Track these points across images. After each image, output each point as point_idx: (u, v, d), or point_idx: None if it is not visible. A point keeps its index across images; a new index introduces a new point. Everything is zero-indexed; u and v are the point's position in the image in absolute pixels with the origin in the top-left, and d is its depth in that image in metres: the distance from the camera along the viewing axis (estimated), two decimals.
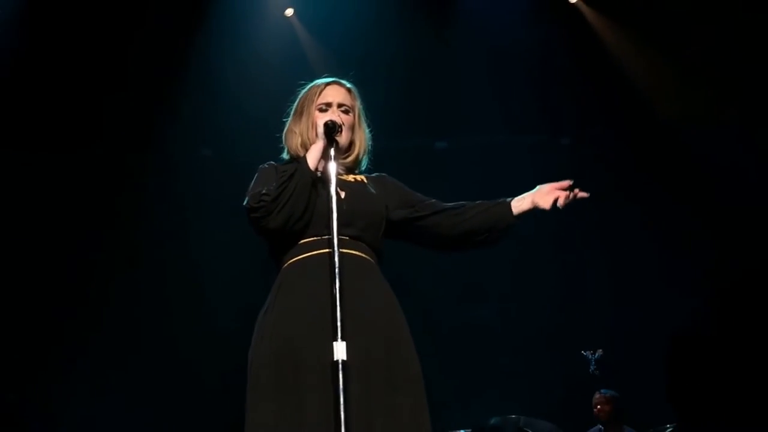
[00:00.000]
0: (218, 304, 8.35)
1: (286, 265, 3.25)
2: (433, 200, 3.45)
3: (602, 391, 7.35)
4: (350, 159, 3.44)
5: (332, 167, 3.15)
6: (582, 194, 3.37)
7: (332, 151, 3.18)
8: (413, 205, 3.41)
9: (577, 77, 8.59)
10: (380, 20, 8.16)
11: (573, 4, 8.62)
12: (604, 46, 8.64)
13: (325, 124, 3.21)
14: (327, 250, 3.11)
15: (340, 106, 3.39)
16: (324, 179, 3.18)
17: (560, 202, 3.33)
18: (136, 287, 8.51)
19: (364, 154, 3.47)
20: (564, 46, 8.57)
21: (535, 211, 3.36)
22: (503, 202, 3.38)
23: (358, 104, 3.47)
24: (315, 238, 3.20)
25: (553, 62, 8.56)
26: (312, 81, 3.51)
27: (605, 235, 8.70)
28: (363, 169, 3.50)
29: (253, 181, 3.30)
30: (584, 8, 8.62)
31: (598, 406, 7.36)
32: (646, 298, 8.28)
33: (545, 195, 3.35)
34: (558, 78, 8.56)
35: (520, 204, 3.37)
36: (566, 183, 3.36)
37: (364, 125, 3.49)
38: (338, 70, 3.59)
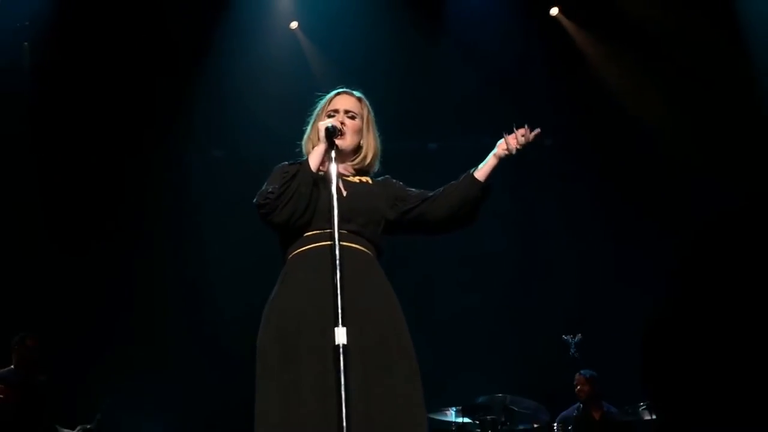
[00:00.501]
0: (228, 292, 8.31)
1: (291, 256, 3.27)
2: (419, 192, 3.46)
3: (582, 372, 7.33)
4: (357, 160, 3.45)
5: (333, 167, 3.15)
6: (534, 133, 3.33)
7: (333, 153, 3.18)
8: (403, 199, 3.43)
9: (557, 83, 8.60)
10: (377, 34, 8.18)
11: (554, 17, 8.67)
12: (582, 55, 8.67)
13: (326, 128, 3.22)
14: (328, 242, 3.11)
15: (346, 112, 3.42)
16: (326, 178, 3.18)
17: (511, 144, 3.31)
18: (150, 275, 8.51)
19: (374, 158, 3.48)
20: (546, 54, 8.59)
21: (502, 163, 3.35)
22: (467, 174, 3.40)
23: (366, 112, 3.49)
24: (317, 231, 3.22)
25: (535, 70, 8.56)
26: (318, 89, 3.56)
27: (586, 227, 8.69)
28: (376, 171, 3.51)
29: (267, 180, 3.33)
30: (564, 20, 8.67)
31: (579, 387, 7.34)
32: (621, 287, 8.30)
33: (502, 145, 3.35)
34: (540, 84, 8.57)
35: (483, 167, 3.38)
36: (521, 131, 3.33)
37: (374, 131, 3.50)
38: (339, 79, 3.62)
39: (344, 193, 3.24)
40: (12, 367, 6.76)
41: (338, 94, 3.48)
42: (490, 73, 8.47)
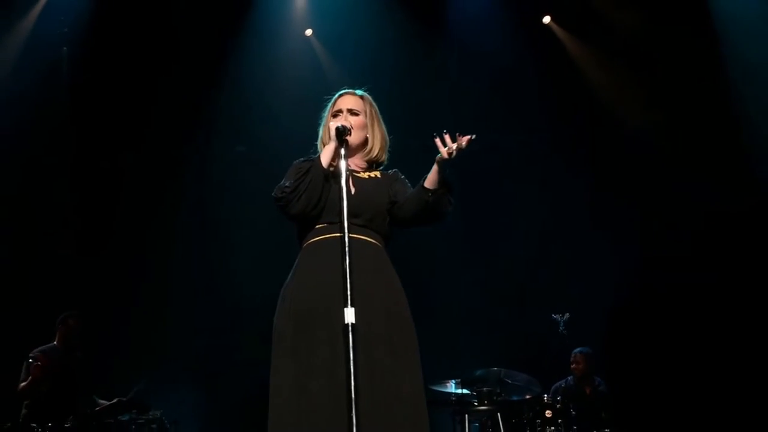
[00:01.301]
0: (247, 278, 8.29)
1: (305, 245, 3.28)
2: (400, 191, 3.38)
3: (578, 349, 7.35)
4: (365, 153, 3.42)
5: (343, 164, 3.14)
6: (465, 139, 3.17)
7: (342, 151, 3.17)
8: (389, 196, 3.37)
9: (549, 85, 8.57)
10: (384, 40, 8.18)
11: (546, 24, 8.63)
12: (572, 59, 8.64)
13: (336, 128, 3.22)
14: (339, 234, 3.11)
15: (349, 110, 3.41)
16: (336, 174, 3.17)
17: (443, 153, 3.15)
18: (176, 262, 8.51)
19: (381, 149, 3.45)
20: (539, 59, 8.55)
21: (444, 167, 3.19)
22: (418, 184, 3.28)
23: (369, 108, 3.45)
24: (329, 223, 3.22)
25: (529, 73, 8.53)
26: (330, 90, 3.54)
27: (574, 218, 8.67)
28: (385, 164, 3.47)
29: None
30: (555, 28, 8.64)
31: (575, 364, 7.35)
32: (604, 272, 8.29)
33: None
34: (533, 86, 8.54)
35: (429, 175, 3.24)
36: (452, 143, 3.17)
37: (379, 126, 3.46)
38: (349, 82, 3.61)
39: (353, 191, 3.24)
40: (54, 343, 6.79)
41: (341, 95, 3.48)
42: (487, 76, 8.44)
